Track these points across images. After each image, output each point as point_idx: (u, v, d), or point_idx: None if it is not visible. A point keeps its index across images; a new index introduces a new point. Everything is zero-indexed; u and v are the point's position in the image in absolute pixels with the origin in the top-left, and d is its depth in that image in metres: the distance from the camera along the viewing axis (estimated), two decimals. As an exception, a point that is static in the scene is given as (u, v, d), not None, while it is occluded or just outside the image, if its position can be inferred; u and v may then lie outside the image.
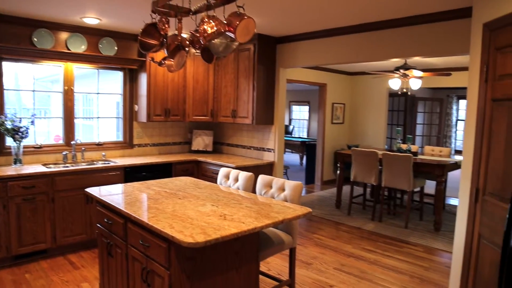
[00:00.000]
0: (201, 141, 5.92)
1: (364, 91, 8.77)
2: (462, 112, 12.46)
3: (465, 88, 10.66)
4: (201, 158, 5.34)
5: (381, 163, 5.63)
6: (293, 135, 14.65)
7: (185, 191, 3.17)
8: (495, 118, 2.49)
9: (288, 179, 5.85)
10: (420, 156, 6.01)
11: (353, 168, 5.99)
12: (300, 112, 15.64)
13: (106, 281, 2.97)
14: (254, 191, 3.37)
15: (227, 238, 2.09)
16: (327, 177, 8.68)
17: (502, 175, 2.36)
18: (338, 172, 6.38)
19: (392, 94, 9.43)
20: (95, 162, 4.75)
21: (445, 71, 7.05)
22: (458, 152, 12.19)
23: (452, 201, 7.05)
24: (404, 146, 6.31)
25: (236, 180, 3.58)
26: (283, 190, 3.14)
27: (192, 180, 3.69)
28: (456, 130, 12.47)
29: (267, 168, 5.17)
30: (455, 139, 12.47)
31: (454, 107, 12.28)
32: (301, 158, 12.09)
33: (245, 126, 5.67)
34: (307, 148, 8.97)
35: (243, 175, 3.50)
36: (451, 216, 6.09)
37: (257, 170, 5.02)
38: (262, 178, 3.35)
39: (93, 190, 3.09)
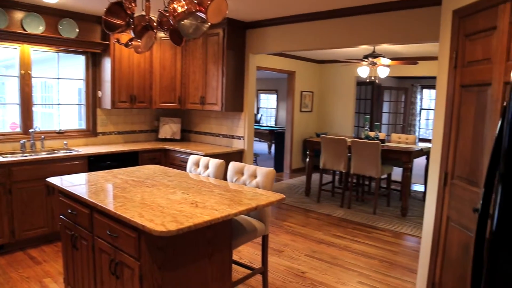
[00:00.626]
0: (169, 129, 5.76)
1: (332, 79, 8.83)
2: (426, 101, 12.84)
3: (429, 78, 10.94)
4: (169, 146, 5.20)
5: (350, 151, 5.69)
6: (261, 124, 14.63)
7: (153, 179, 3.06)
8: (463, 103, 2.52)
9: (258, 167, 5.83)
10: (387, 144, 6.12)
11: (322, 156, 6.02)
12: (268, 101, 15.61)
13: (70, 276, 2.84)
14: (225, 179, 3.30)
15: (200, 226, 2.02)
16: (296, 166, 8.72)
17: (470, 159, 2.41)
18: (308, 160, 6.41)
19: (360, 83, 9.56)
20: (56, 151, 4.52)
21: (412, 60, 7.19)
22: (422, 140, 12.59)
23: (417, 187, 7.27)
24: (372, 134, 6.40)
25: (207, 167, 3.49)
26: (255, 177, 3.09)
27: (161, 168, 3.57)
28: (420, 119, 12.85)
29: (237, 156, 5.11)
30: (419, 128, 12.85)
31: (418, 97, 12.62)
32: (269, 147, 12.10)
33: (214, 113, 5.57)
34: (275, 136, 8.97)
35: (214, 162, 3.42)
36: (416, 202, 6.26)
37: (226, 157, 4.94)
38: (233, 165, 3.28)
39: (54, 180, 2.92)
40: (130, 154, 4.86)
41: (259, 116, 15.48)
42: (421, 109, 12.81)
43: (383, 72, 6.12)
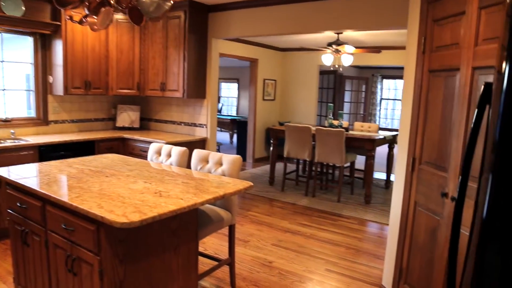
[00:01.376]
0: (127, 117, 5.50)
1: (295, 68, 8.80)
2: (386, 91, 13.14)
3: (389, 68, 11.16)
4: (127, 135, 4.96)
5: (314, 139, 5.67)
6: (222, 113, 14.45)
7: (112, 168, 2.86)
8: (431, 88, 2.52)
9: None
10: (350, 132, 6.16)
11: (286, 144, 5.98)
12: (229, 90, 15.44)
13: (21, 275, 2.61)
14: (189, 167, 3.15)
15: (165, 216, 1.88)
16: (259, 155, 8.66)
17: (437, 144, 2.41)
18: (271, 148, 6.35)
19: (322, 72, 9.60)
20: (2, 141, 4.17)
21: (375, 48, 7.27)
22: (383, 129, 12.88)
23: (379, 175, 7.41)
24: (335, 122, 6.43)
25: (169, 155, 3.33)
26: (221, 164, 2.97)
27: (120, 157, 3.36)
28: (380, 108, 13.14)
29: (200, 145, 4.95)
30: (379, 117, 13.15)
31: (379, 86, 12.90)
32: (231, 137, 11.97)
33: (174, 100, 5.37)
34: (237, 125, 8.86)
35: (177, 150, 3.26)
36: (379, 190, 6.37)
37: (189, 146, 4.77)
38: (197, 153, 3.14)
39: (0, 171, 2.66)
40: (86, 143, 4.58)
41: (220, 105, 15.28)
42: (381, 99, 13.11)
43: (347, 60, 6.13)
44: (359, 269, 3.47)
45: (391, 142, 6.24)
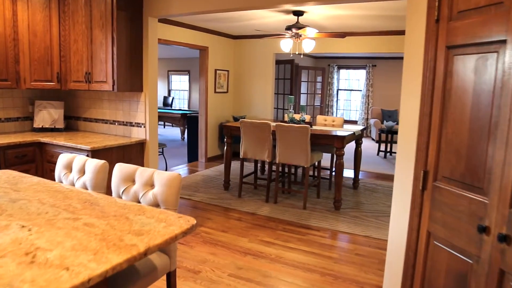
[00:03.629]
0: (47, 115, 4.42)
1: (249, 57, 7.96)
2: (342, 82, 12.63)
3: (345, 58, 10.58)
4: (46, 138, 3.91)
5: (275, 136, 4.88)
6: (173, 107, 13.36)
7: (-15, 199, 1.89)
8: (452, 72, 1.77)
9: (165, 160, 4.78)
10: (315, 127, 5.43)
11: (242, 144, 5.15)
12: (180, 83, 14.35)
13: None
14: (110, 188, 2.24)
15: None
16: (212, 153, 7.77)
17: (466, 154, 1.67)
18: (226, 148, 5.49)
19: (278, 61, 8.83)
20: None
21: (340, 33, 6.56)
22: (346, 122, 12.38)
23: (345, 173, 6.75)
24: (297, 116, 5.68)
25: (82, 172, 2.39)
26: (152, 186, 2.08)
27: (10, 177, 2.37)
28: (338, 99, 12.62)
29: (137, 148, 4.00)
30: (337, 109, 12.63)
31: (335, 77, 12.35)
32: (183, 133, 10.98)
33: (106, 95, 4.36)
34: (188, 121, 7.89)
35: (92, 164, 2.33)
36: (347, 191, 5.71)
37: (123, 152, 3.82)
38: (120, 169, 2.23)
39: None
40: (-17, 152, 3.50)
41: (170, 99, 14.17)
42: (338, 89, 12.58)
43: (308, 45, 5.37)
44: (342, 308, 2.73)
45: (359, 137, 5.59)
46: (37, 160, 3.92)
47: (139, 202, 2.11)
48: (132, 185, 2.16)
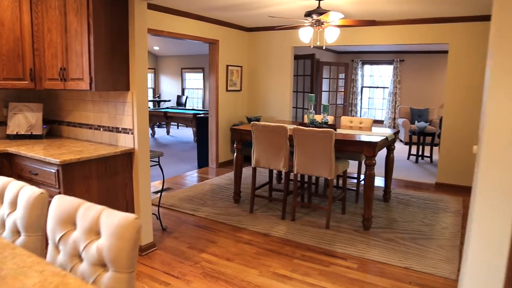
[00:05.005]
0: (23, 120, 3.78)
1: (265, 51, 7.20)
2: (367, 78, 11.71)
3: (370, 53, 9.68)
4: (13, 148, 3.25)
5: (293, 142, 4.12)
6: (186, 107, 12.73)
7: None
8: None
9: (162, 172, 4.08)
10: (340, 130, 4.63)
11: (254, 151, 4.40)
12: (195, 81, 13.71)
13: None
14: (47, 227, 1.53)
15: None
16: (224, 158, 7.06)
17: None
18: (235, 155, 4.76)
19: (297, 56, 8.04)
20: None
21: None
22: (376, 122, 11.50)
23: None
24: (319, 118, 4.91)
25: (15, 205, 1.69)
26: (98, 234, 1.36)
27: None
28: (362, 97, 11.71)
29: (124, 160, 3.30)
30: (361, 107, 11.73)
31: (359, 73, 11.45)
32: (195, 134, 10.31)
33: (89, 95, 3.68)
34: (198, 122, 7.20)
35: (25, 196, 1.63)
36: (376, 204, 4.88)
37: (105, 164, 3.13)
38: (57, 205, 1.52)
39: None
40: None
41: (184, 98, 13.55)
42: (362, 87, 11.68)
43: (331, 34, 4.56)
44: None
45: (392, 142, 4.76)
46: (5, 173, 3.26)
47: (80, 257, 1.39)
48: (73, 229, 1.45)
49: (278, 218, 4.35)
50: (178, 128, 13.15)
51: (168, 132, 11.72)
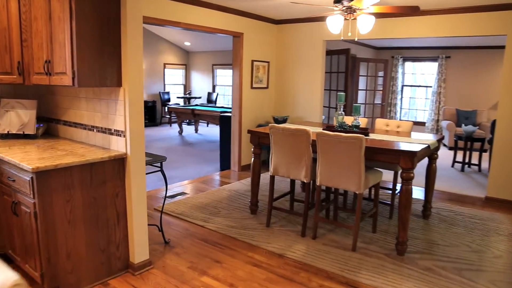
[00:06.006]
0: (15, 118, 3.44)
1: (294, 45, 6.62)
2: (408, 76, 10.83)
3: (413, 48, 8.82)
4: (-2, 150, 2.90)
5: (316, 148, 3.55)
6: (216, 105, 12.34)
7: None
8: None
9: (165, 180, 3.63)
10: (373, 136, 3.99)
11: (272, 157, 3.87)
12: (226, 78, 13.30)
13: None
14: None
15: None
16: (247, 161, 6.56)
17: None
18: (253, 160, 4.24)
19: (330, 52, 7.40)
20: None
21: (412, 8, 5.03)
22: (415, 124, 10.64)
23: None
24: (349, 120, 4.31)
25: None
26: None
27: None
28: (402, 97, 10.85)
29: (114, 167, 2.86)
30: (401, 108, 10.87)
31: (400, 70, 10.60)
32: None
33: (83, 91, 3.27)
34: (222, 121, 6.74)
35: None
36: (413, 221, 4.21)
37: (90, 172, 2.71)
38: None
39: None
40: None
41: (214, 95, 13.18)
42: (403, 85, 10.81)
43: (365, 23, 3.92)
44: None
45: (435, 151, 4.08)
46: (-11, 179, 2.92)
47: None
48: None
49: (297, 235, 3.79)
50: (207, 126, 12.80)
51: (196, 130, 11.38)
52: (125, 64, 2.78)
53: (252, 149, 4.24)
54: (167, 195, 4.86)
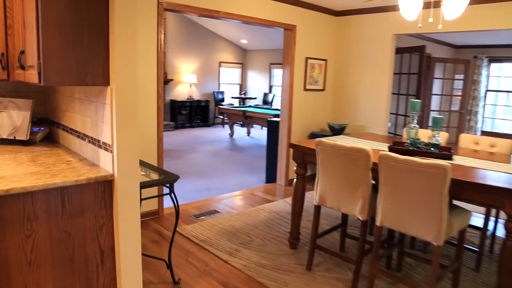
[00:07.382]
0: (7, 120, 2.87)
1: (357, 41, 5.62)
2: (493, 79, 9.28)
3: (500, 46, 7.28)
4: (-32, 161, 2.31)
5: (378, 174, 2.61)
6: (272, 107, 11.54)
7: None
8: None
9: (175, 204, 2.87)
10: (459, 160, 2.93)
11: (319, 182, 2.97)
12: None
13: None
14: None
15: None
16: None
17: None
18: (295, 181, 3.37)
19: (400, 49, 6.28)
20: None
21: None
22: (487, 133, 9.14)
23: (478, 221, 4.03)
24: (425, 136, 3.30)
25: None
26: None
27: None
28: (485, 104, 9.32)
29: (96, 192, 2.14)
30: (483, 117, 9.34)
31: (484, 73, 9.08)
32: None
33: (76, 91, 2.60)
34: (269, 126, 5.92)
35: None
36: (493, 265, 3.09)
37: (60, 199, 2.01)
38: None
39: None
40: None
41: (271, 96, 12.41)
42: (486, 90, 9.27)
43: (453, 9, 2.89)
44: None
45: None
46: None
47: None
48: None
49: (346, 286, 2.86)
50: (262, 129, 12.05)
51: (248, 133, 10.67)
52: (113, 56, 2.04)
53: (295, 168, 3.37)
54: (194, 214, 4.15)
